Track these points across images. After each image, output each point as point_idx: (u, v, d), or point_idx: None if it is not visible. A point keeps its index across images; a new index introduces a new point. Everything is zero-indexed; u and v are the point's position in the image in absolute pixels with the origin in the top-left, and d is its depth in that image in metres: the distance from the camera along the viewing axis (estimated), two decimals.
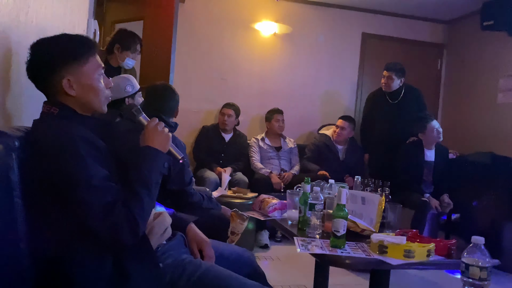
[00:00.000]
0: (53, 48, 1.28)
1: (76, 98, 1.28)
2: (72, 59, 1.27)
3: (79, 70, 1.28)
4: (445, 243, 1.65)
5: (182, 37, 4.74)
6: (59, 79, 1.26)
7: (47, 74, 1.26)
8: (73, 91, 1.27)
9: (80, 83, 1.28)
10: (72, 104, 1.29)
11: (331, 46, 5.10)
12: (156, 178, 1.29)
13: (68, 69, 1.26)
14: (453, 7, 4.82)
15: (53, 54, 1.27)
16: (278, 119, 4.52)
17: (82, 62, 1.29)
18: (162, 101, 2.32)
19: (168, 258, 1.44)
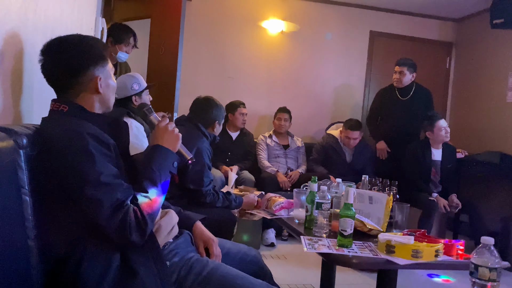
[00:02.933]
0: (83, 47, 1.32)
1: (101, 96, 1.34)
2: (101, 59, 1.34)
3: (104, 70, 1.34)
4: (454, 244, 1.64)
5: (189, 35, 4.75)
6: (92, 78, 1.31)
7: (77, 74, 1.29)
8: (101, 89, 1.33)
9: (106, 81, 1.35)
10: (89, 102, 1.32)
11: (339, 44, 5.08)
12: (165, 177, 1.30)
13: (99, 68, 1.32)
14: (463, 5, 4.78)
15: (86, 55, 1.31)
16: (280, 118, 4.48)
17: (106, 62, 1.36)
18: (200, 112, 2.62)
19: (175, 256, 1.44)
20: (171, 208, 1.56)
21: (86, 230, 1.18)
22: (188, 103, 2.78)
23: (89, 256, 1.18)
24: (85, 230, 1.18)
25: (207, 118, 2.62)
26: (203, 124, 2.60)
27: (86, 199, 1.14)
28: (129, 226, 1.15)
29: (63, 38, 1.31)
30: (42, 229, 1.16)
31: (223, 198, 2.47)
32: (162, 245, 1.42)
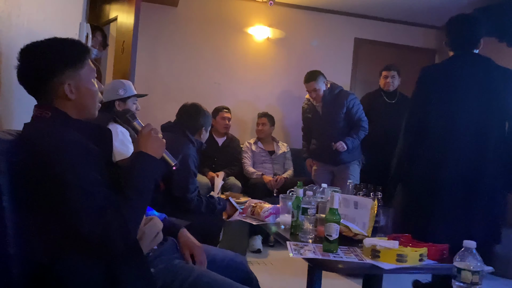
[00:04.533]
0: (52, 52, 1.27)
1: (74, 102, 1.29)
2: (72, 64, 1.28)
3: (77, 74, 1.29)
4: (438, 247, 1.66)
5: (175, 41, 4.76)
6: (59, 84, 1.26)
7: (46, 79, 1.26)
8: (72, 94, 1.28)
9: (79, 87, 1.29)
10: (67, 108, 1.28)
11: (324, 51, 5.12)
12: (149, 184, 1.27)
13: (68, 73, 1.27)
14: (445, 13, 4.83)
15: (54, 60, 1.26)
16: (258, 123, 4.51)
17: (80, 66, 1.30)
18: (187, 118, 2.62)
19: (160, 263, 1.43)
20: (155, 215, 1.55)
21: (68, 238, 1.16)
22: (174, 109, 2.77)
23: (72, 264, 1.16)
24: (67, 238, 1.16)
25: (194, 125, 2.62)
26: (190, 131, 2.60)
27: (68, 206, 1.13)
28: (112, 233, 1.13)
29: (37, 43, 1.28)
30: (24, 237, 1.14)
31: (207, 203, 2.47)
32: (147, 252, 1.41)
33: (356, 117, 3.87)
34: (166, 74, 4.75)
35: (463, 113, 2.34)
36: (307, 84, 3.92)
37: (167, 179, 2.36)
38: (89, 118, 1.35)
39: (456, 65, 2.41)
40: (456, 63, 2.42)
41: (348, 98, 3.87)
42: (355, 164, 3.95)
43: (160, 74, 4.73)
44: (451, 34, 2.47)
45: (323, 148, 3.94)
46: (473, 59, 2.40)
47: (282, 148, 4.53)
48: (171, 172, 1.50)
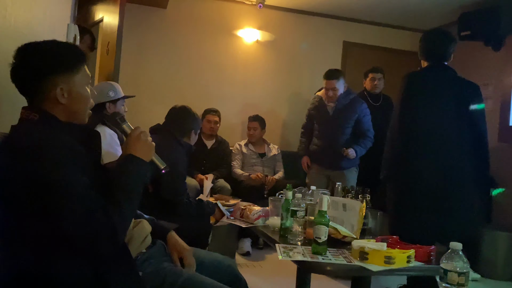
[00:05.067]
0: (49, 54, 1.27)
1: (64, 106, 1.27)
2: (67, 68, 1.27)
3: (72, 79, 1.28)
4: (425, 249, 1.67)
5: (164, 43, 4.74)
6: (52, 87, 1.25)
7: (39, 79, 1.25)
8: (63, 98, 1.26)
9: (71, 92, 1.28)
10: (56, 112, 1.27)
11: (313, 53, 5.15)
12: (138, 186, 1.27)
13: (62, 77, 1.26)
14: (432, 17, 4.93)
15: (50, 61, 1.26)
16: (249, 127, 4.49)
17: (75, 71, 1.29)
18: (176, 121, 2.61)
19: (148, 266, 1.42)
20: (144, 218, 1.54)
21: (55, 241, 1.14)
22: (162, 111, 2.76)
23: (60, 267, 1.15)
24: (54, 242, 1.15)
25: (183, 128, 2.61)
26: (179, 134, 2.59)
27: (56, 209, 1.11)
28: (100, 236, 1.13)
29: (35, 43, 1.27)
30: (9, 241, 1.12)
31: (196, 206, 2.47)
32: (135, 255, 1.40)
33: (365, 127, 3.79)
34: (155, 76, 4.73)
35: (440, 119, 2.55)
36: (329, 81, 3.78)
37: (156, 182, 2.34)
38: (79, 123, 1.34)
39: (432, 74, 2.65)
40: (432, 73, 2.65)
41: (362, 105, 3.80)
42: (353, 171, 3.88)
43: (149, 76, 4.70)
44: (428, 47, 2.69)
45: (325, 150, 3.81)
46: (446, 71, 2.65)
47: (273, 151, 4.53)
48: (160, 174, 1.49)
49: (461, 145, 2.54)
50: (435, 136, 2.54)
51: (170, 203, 2.40)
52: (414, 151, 2.56)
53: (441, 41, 2.67)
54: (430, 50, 2.68)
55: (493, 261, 3.70)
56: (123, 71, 4.35)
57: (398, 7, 4.71)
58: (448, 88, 2.61)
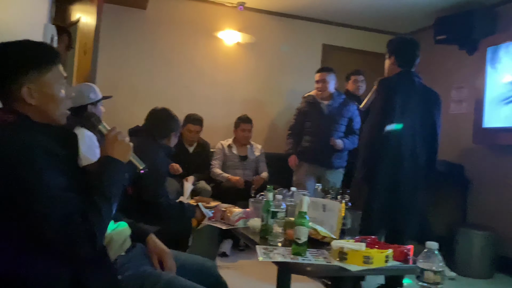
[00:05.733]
0: (15, 54, 1.24)
1: (35, 107, 1.24)
2: (34, 67, 1.24)
3: (41, 79, 1.24)
4: (402, 249, 1.71)
5: (144, 44, 4.70)
6: (19, 87, 1.21)
7: (6, 80, 1.22)
8: (33, 99, 1.23)
9: (41, 92, 1.25)
10: (30, 113, 1.25)
11: (293, 56, 5.19)
12: (116, 188, 1.25)
13: (29, 77, 1.23)
14: (409, 21, 5.03)
15: (14, 61, 1.23)
16: (244, 129, 4.42)
17: (45, 70, 1.25)
18: (157, 123, 2.59)
19: (128, 269, 1.41)
20: (123, 220, 1.52)
21: (33, 245, 1.13)
22: (142, 113, 2.74)
23: (38, 270, 1.13)
24: (32, 246, 1.13)
25: (163, 130, 2.59)
26: (159, 135, 2.57)
27: (34, 212, 1.10)
28: (78, 239, 1.11)
29: (4, 43, 1.24)
30: None
31: (176, 207, 2.45)
32: (114, 258, 1.39)
33: (356, 127, 3.92)
34: (134, 77, 4.68)
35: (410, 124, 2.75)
36: (320, 73, 3.93)
37: (135, 184, 2.32)
38: (54, 124, 1.31)
39: (404, 81, 2.82)
40: (404, 79, 2.83)
41: (354, 106, 3.94)
42: (341, 172, 3.98)
43: (128, 77, 4.65)
44: (400, 54, 2.87)
45: (318, 147, 3.87)
46: (415, 78, 2.85)
47: (256, 152, 4.49)
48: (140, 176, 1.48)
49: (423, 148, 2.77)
50: (406, 140, 2.72)
51: (150, 205, 2.38)
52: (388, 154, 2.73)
53: (412, 50, 2.87)
54: (403, 57, 2.85)
55: (468, 259, 3.79)
56: (102, 72, 4.31)
57: (376, 11, 4.79)
58: (416, 94, 2.78)
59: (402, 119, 2.73)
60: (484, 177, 4.24)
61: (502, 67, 3.97)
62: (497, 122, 3.99)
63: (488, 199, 4.17)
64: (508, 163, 4.02)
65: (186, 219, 2.49)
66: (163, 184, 2.49)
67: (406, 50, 2.87)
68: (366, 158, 2.83)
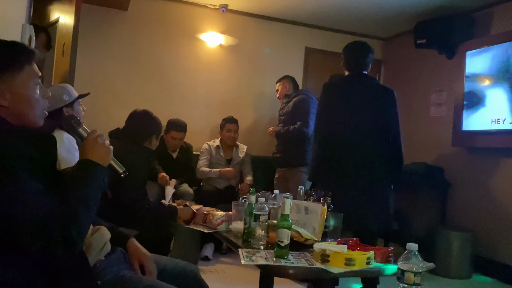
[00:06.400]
0: None
1: (8, 109, 1.20)
2: (5, 68, 1.19)
3: (12, 79, 1.20)
4: (384, 250, 1.72)
5: (125, 45, 4.65)
6: None
7: None
8: (5, 101, 1.19)
9: (13, 92, 1.20)
10: (5, 115, 1.21)
11: (276, 59, 5.20)
12: (95, 192, 1.22)
13: (0, 77, 1.18)
14: (390, 25, 5.11)
15: None
16: (230, 129, 4.39)
17: (16, 70, 1.21)
18: (138, 125, 2.56)
19: (107, 274, 1.38)
20: (103, 225, 1.50)
21: (7, 252, 1.09)
22: (123, 115, 2.70)
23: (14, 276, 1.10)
24: (6, 253, 1.09)
25: (144, 132, 2.57)
26: (140, 138, 2.54)
27: (8, 217, 1.06)
28: (54, 245, 1.08)
29: None
30: None
31: (156, 211, 2.41)
32: (93, 263, 1.36)
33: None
34: (115, 79, 4.62)
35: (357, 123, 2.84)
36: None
37: (115, 187, 2.28)
38: (32, 127, 1.27)
39: (350, 83, 2.97)
40: (350, 81, 2.98)
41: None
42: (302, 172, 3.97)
43: (109, 79, 4.59)
44: (347, 58, 3.02)
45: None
46: (363, 79, 2.97)
47: (241, 153, 4.46)
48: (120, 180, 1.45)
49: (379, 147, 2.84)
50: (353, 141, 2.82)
51: (130, 209, 2.34)
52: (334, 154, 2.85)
53: (358, 53, 2.99)
54: (349, 61, 3.00)
55: (447, 260, 3.85)
56: (82, 73, 4.24)
57: (358, 15, 4.84)
58: (365, 95, 2.88)
59: (346, 121, 2.84)
60: (463, 179, 4.32)
61: (480, 71, 4.06)
62: (476, 125, 4.07)
63: (467, 201, 4.25)
64: (486, 166, 4.11)
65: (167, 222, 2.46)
66: (143, 187, 2.46)
67: (353, 54, 3.00)
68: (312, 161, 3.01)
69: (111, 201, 2.30)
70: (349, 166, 2.80)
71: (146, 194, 2.46)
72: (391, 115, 2.89)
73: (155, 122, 2.61)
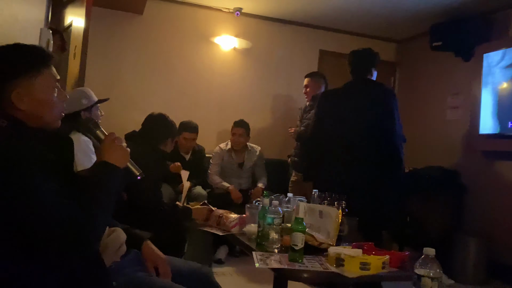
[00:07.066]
0: (4, 59, 1.22)
1: (26, 112, 1.22)
2: (24, 71, 1.22)
3: (30, 83, 1.22)
4: (399, 255, 1.70)
5: (140, 49, 4.70)
6: (9, 92, 1.20)
7: None
8: (23, 104, 1.21)
9: (32, 96, 1.22)
10: (23, 117, 1.23)
11: (290, 61, 5.20)
12: (112, 194, 1.24)
13: (19, 81, 1.20)
14: (404, 28, 5.06)
15: (3, 66, 1.21)
16: (235, 133, 4.34)
17: (35, 74, 1.23)
18: (153, 128, 2.60)
19: (123, 276, 1.40)
20: (118, 226, 1.51)
21: (24, 251, 1.11)
22: (139, 118, 2.73)
23: (30, 277, 1.11)
24: (23, 251, 1.11)
25: (159, 135, 2.60)
26: (155, 141, 2.57)
27: (24, 218, 1.08)
28: (71, 245, 1.09)
29: None
30: None
31: (171, 212, 2.43)
32: (109, 264, 1.38)
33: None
34: (131, 82, 4.67)
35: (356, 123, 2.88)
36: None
37: (130, 189, 2.30)
38: (49, 129, 1.29)
39: (352, 87, 3.06)
40: (352, 86, 3.07)
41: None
42: None
43: (124, 82, 4.64)
44: (351, 64, 3.11)
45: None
46: (365, 84, 3.04)
47: (253, 158, 4.40)
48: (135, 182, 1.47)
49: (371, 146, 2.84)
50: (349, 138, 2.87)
51: (145, 210, 2.36)
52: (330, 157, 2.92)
53: (363, 60, 3.09)
54: (354, 67, 3.08)
55: (463, 266, 3.79)
56: (97, 76, 4.32)
57: (373, 18, 4.81)
58: (365, 96, 2.95)
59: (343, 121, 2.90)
60: (480, 183, 4.25)
61: (497, 73, 3.99)
62: (493, 128, 4.00)
63: (484, 205, 4.18)
64: (503, 170, 4.03)
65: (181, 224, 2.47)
66: (158, 189, 2.47)
67: (355, 61, 3.10)
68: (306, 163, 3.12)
69: (126, 202, 2.32)
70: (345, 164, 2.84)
71: (161, 196, 2.48)
72: (386, 113, 2.89)
73: (171, 125, 2.64)
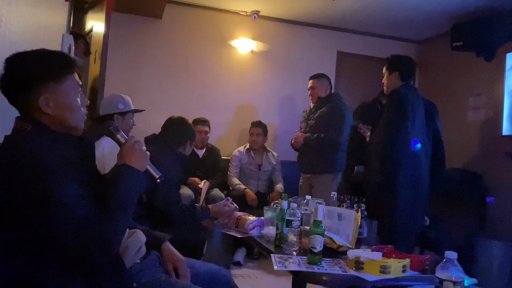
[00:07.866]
0: (32, 64, 1.25)
1: (51, 116, 1.26)
2: (51, 77, 1.25)
3: (57, 88, 1.25)
4: (420, 259, 1.67)
5: (159, 53, 4.75)
6: (36, 96, 1.23)
7: (23, 91, 1.23)
8: (49, 109, 1.24)
9: (57, 101, 1.26)
10: (47, 121, 1.26)
11: (308, 64, 5.18)
12: (132, 197, 1.26)
13: (46, 87, 1.24)
14: (424, 28, 4.99)
15: (32, 71, 1.24)
16: (252, 133, 4.39)
17: (61, 80, 1.26)
18: (173, 131, 2.65)
19: (142, 277, 1.41)
20: (138, 228, 1.53)
21: (48, 252, 1.13)
22: (158, 121, 2.77)
23: (52, 278, 1.14)
24: (47, 252, 1.13)
25: (179, 138, 2.63)
26: (175, 144, 2.60)
27: (49, 220, 1.10)
28: (92, 247, 1.11)
29: (22, 53, 1.25)
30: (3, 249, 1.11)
31: (190, 214, 2.45)
32: (129, 266, 1.39)
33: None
34: (150, 85, 4.72)
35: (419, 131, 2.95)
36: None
37: (149, 192, 2.33)
38: (73, 132, 1.32)
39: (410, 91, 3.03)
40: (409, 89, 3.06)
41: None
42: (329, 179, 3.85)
43: (144, 86, 4.70)
44: (403, 68, 3.09)
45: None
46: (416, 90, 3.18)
47: (272, 160, 4.43)
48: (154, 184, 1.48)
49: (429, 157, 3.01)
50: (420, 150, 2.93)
51: (164, 212, 2.39)
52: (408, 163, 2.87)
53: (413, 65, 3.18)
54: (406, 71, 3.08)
55: (487, 270, 3.70)
56: (118, 80, 4.38)
57: (391, 18, 4.76)
58: (420, 105, 2.99)
59: (413, 129, 2.89)
60: (503, 185, 4.15)
61: None
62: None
63: (507, 209, 4.07)
64: None
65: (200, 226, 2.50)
66: (177, 191, 2.50)
67: (408, 65, 3.13)
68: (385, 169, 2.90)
69: (146, 204, 2.35)
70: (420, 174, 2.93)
71: (180, 198, 2.51)
72: (439, 127, 3.11)
73: (189, 129, 2.68)
